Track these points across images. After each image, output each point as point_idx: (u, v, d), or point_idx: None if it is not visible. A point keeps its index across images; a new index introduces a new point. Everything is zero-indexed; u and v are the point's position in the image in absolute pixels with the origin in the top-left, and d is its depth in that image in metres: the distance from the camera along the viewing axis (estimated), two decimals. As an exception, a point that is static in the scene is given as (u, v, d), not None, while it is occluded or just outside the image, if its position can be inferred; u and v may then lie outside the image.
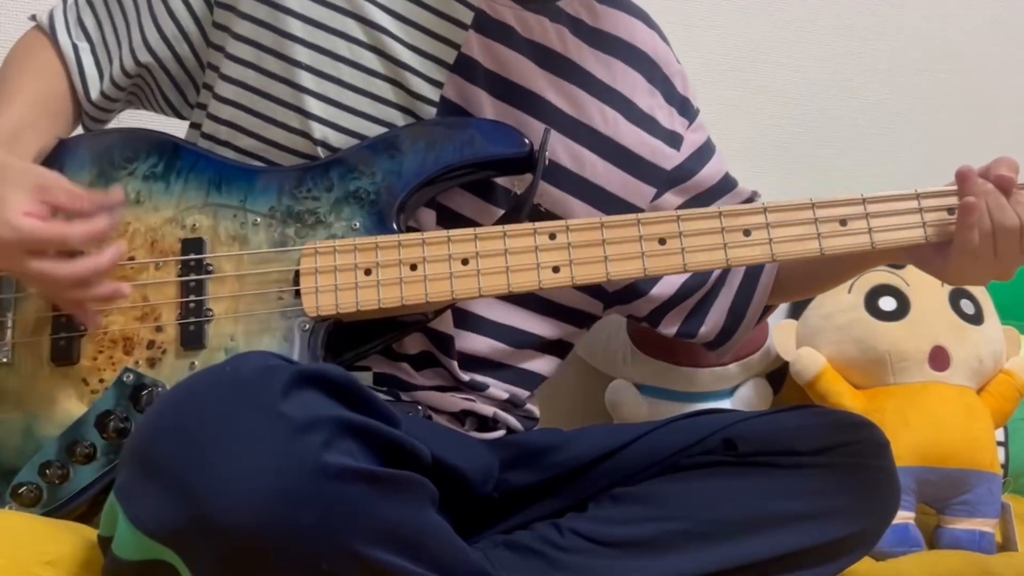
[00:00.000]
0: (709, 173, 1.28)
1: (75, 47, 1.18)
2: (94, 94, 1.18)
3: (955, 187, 1.06)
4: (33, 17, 1.21)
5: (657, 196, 1.24)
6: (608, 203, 1.19)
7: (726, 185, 1.30)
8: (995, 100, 2.19)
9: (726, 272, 1.26)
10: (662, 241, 1.05)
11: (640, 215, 1.06)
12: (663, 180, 1.23)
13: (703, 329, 1.28)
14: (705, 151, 1.29)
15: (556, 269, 1.05)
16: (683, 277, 1.25)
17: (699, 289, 1.26)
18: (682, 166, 1.25)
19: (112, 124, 1.25)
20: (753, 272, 1.25)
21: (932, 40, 2.15)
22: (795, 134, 2.06)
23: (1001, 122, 2.17)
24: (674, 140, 1.25)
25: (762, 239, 1.05)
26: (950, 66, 2.17)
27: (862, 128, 2.11)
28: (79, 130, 1.21)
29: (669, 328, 1.29)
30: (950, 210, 1.06)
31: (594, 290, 1.23)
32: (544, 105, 1.16)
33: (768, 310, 1.31)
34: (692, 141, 1.27)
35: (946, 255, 1.06)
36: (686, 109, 1.28)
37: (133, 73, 1.18)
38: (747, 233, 1.06)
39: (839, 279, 1.30)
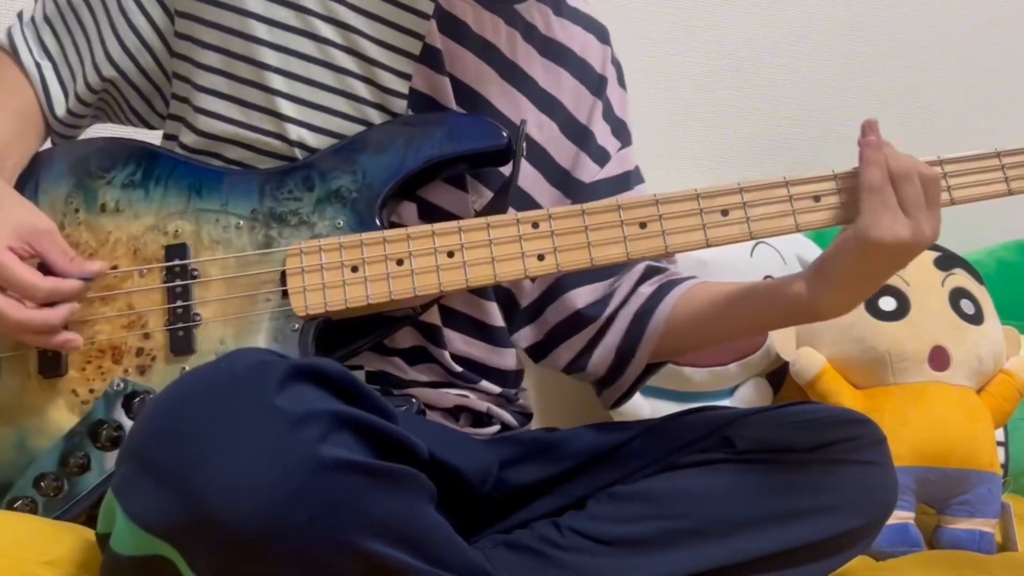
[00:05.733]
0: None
1: (38, 66, 1.18)
2: (60, 112, 1.18)
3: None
4: None
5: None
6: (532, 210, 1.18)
7: None
8: (995, 100, 2.19)
9: (615, 312, 1.24)
10: (643, 225, 1.06)
11: (620, 200, 1.07)
12: (579, 191, 1.23)
13: (590, 367, 1.25)
14: (630, 178, 1.28)
15: (541, 257, 1.06)
16: (587, 300, 1.23)
17: (594, 321, 1.24)
18: (602, 183, 1.25)
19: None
20: (644, 315, 1.23)
21: (931, 40, 2.16)
22: (795, 134, 2.07)
23: (1001, 122, 2.18)
24: (602, 157, 1.26)
25: (740, 218, 1.06)
26: (949, 66, 2.17)
27: (862, 128, 2.11)
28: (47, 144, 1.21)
29: (563, 355, 1.26)
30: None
31: (507, 302, 1.22)
32: (487, 106, 1.17)
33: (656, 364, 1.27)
34: (620, 163, 1.27)
35: (858, 217, 1.04)
36: (620, 131, 1.29)
37: (98, 88, 1.18)
38: (725, 213, 1.06)
39: (736, 328, 1.23)
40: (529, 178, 1.19)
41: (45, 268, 1.04)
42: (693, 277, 1.26)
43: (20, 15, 1.21)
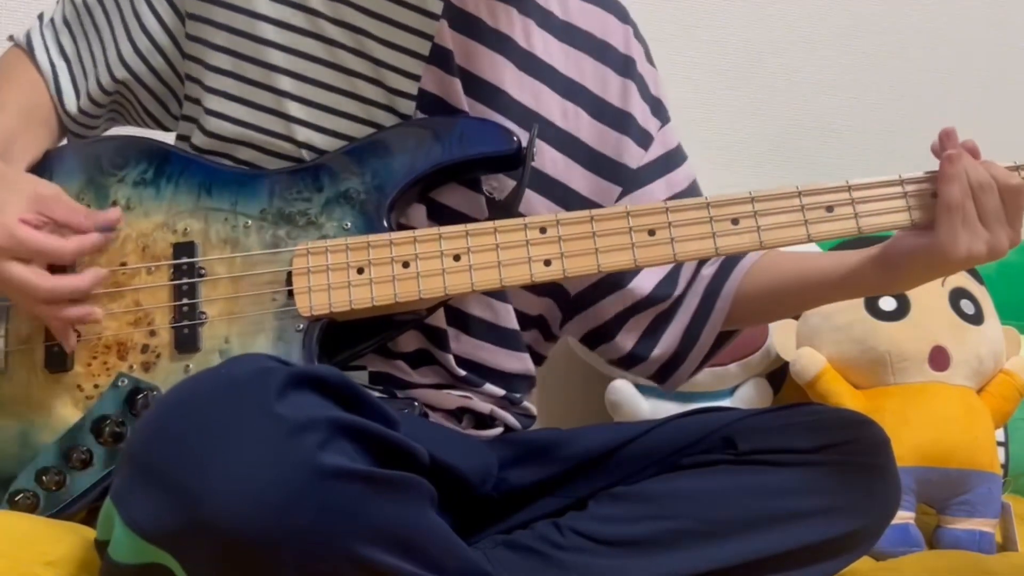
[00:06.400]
0: (678, 178, 1.26)
1: (53, 65, 1.19)
2: (71, 108, 1.19)
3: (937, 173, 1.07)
4: (11, 37, 1.22)
5: (625, 193, 1.22)
6: (569, 199, 1.18)
7: (692, 194, 1.27)
8: (996, 100, 2.20)
9: (683, 295, 1.24)
10: (651, 232, 1.05)
11: (629, 207, 1.06)
12: (629, 178, 1.22)
13: (656, 352, 1.24)
14: (675, 156, 1.27)
15: (548, 262, 1.05)
16: (654, 282, 1.23)
17: (663, 301, 1.24)
18: (651, 165, 1.24)
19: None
20: (710, 296, 1.23)
21: (933, 40, 2.16)
22: (795, 134, 2.07)
23: (1002, 122, 2.17)
24: (645, 139, 1.24)
25: (750, 227, 1.06)
26: (951, 66, 2.17)
27: (863, 129, 2.11)
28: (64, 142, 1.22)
29: (626, 340, 1.25)
30: (934, 194, 1.07)
31: (556, 293, 1.22)
32: (506, 100, 1.16)
33: (724, 338, 1.26)
34: (663, 142, 1.26)
35: (934, 232, 1.05)
36: (658, 110, 1.27)
37: (111, 89, 1.19)
38: (735, 222, 1.06)
39: (802, 306, 1.27)
40: (560, 166, 1.18)
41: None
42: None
43: (41, 16, 1.22)
